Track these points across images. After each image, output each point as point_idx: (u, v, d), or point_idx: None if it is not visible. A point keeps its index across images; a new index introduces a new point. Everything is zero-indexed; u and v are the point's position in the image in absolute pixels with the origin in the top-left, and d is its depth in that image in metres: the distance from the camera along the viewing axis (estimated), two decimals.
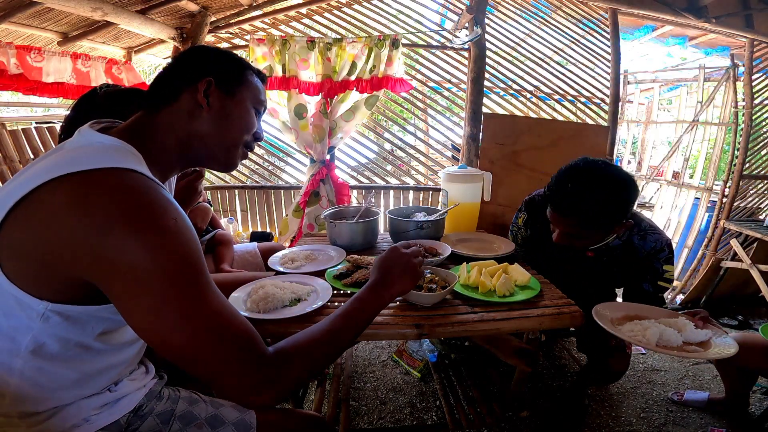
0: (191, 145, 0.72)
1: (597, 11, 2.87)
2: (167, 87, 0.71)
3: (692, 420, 1.64)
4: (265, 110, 0.84)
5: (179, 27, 2.52)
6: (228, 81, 0.74)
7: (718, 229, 2.98)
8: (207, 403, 0.82)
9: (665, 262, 1.32)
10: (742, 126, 3.06)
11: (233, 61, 0.77)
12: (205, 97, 0.70)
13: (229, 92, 0.74)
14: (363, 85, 2.43)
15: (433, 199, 2.95)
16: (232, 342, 0.59)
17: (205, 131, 0.72)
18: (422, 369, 1.91)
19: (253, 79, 0.78)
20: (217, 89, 0.72)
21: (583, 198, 1.14)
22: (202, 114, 0.71)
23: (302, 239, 1.91)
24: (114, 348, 0.68)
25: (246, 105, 0.76)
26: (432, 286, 1.10)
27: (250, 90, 0.77)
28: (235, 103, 0.74)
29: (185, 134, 0.71)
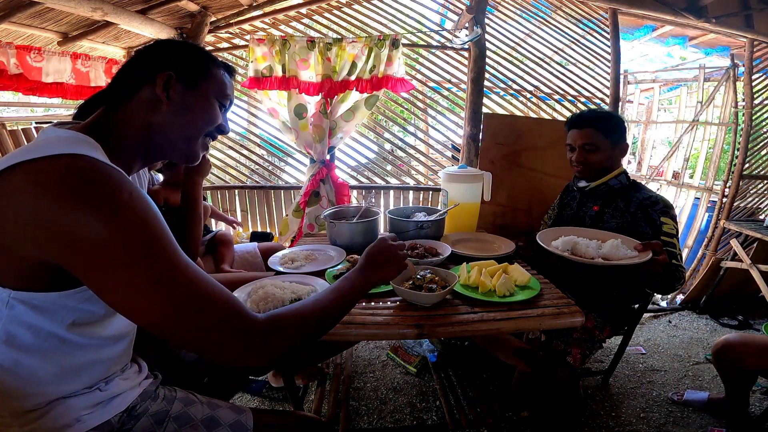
0: (151, 138, 0.72)
1: (597, 11, 2.87)
2: (127, 82, 0.71)
3: (692, 420, 1.64)
4: (231, 104, 0.83)
5: (179, 27, 2.52)
6: (190, 74, 0.73)
7: (718, 229, 2.98)
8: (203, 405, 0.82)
9: (662, 213, 1.38)
10: (742, 126, 3.06)
11: (197, 54, 0.76)
12: (165, 91, 0.70)
13: (191, 86, 0.73)
14: (363, 85, 2.43)
15: (433, 199, 2.95)
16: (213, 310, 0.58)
17: (165, 124, 0.71)
18: (417, 365, 1.91)
19: (218, 72, 0.78)
20: (178, 83, 0.71)
21: (596, 111, 1.56)
22: (161, 108, 0.71)
23: (302, 239, 1.91)
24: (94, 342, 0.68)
25: (208, 99, 0.76)
26: (432, 286, 1.10)
27: (214, 84, 0.77)
28: (196, 97, 0.74)
29: (145, 128, 0.71)
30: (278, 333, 0.64)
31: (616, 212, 1.48)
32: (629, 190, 1.49)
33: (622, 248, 1.19)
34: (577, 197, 1.65)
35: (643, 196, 1.44)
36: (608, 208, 1.51)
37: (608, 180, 1.51)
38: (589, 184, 1.56)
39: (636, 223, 1.42)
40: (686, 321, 2.62)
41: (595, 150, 1.49)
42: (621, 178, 1.51)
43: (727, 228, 2.81)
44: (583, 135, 1.50)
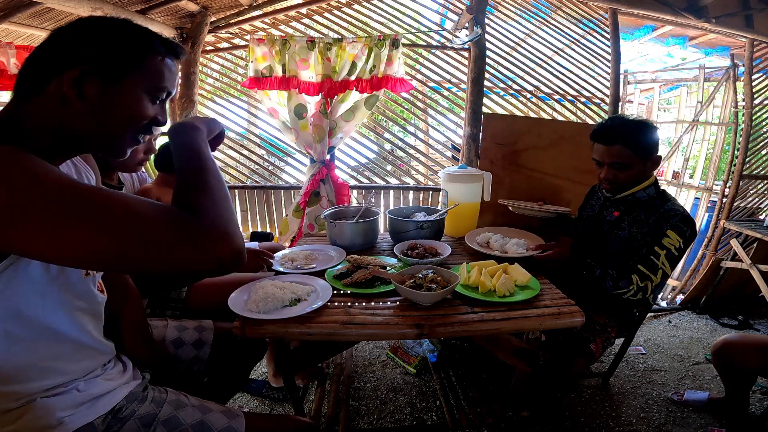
0: (66, 137, 0.64)
1: (597, 11, 2.87)
2: (37, 72, 0.61)
3: (692, 420, 1.64)
4: (169, 95, 0.72)
5: (179, 27, 2.52)
6: (110, 68, 0.62)
7: (718, 229, 2.98)
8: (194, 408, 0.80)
9: (672, 227, 1.31)
10: (742, 126, 3.06)
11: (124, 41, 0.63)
12: (76, 87, 0.60)
13: (111, 81, 0.62)
14: (363, 85, 2.43)
15: (433, 199, 2.95)
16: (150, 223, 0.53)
17: (77, 124, 0.62)
18: (417, 365, 1.91)
19: (153, 62, 0.66)
20: (94, 78, 0.61)
21: (626, 123, 1.37)
22: (73, 106, 0.61)
23: (302, 239, 1.91)
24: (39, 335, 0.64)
25: (135, 94, 0.65)
26: (432, 285, 1.10)
27: (145, 76, 0.65)
28: (119, 92, 0.63)
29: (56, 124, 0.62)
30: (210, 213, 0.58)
31: (635, 221, 1.42)
32: (656, 201, 1.41)
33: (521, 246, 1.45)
34: (600, 199, 1.60)
35: (665, 208, 1.37)
36: (628, 215, 1.45)
37: (635, 192, 1.43)
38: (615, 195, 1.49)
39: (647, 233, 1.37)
40: (686, 321, 2.61)
41: (626, 168, 1.37)
42: (649, 190, 1.42)
43: (727, 228, 2.81)
44: (612, 153, 1.36)
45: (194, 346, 1.11)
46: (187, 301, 1.31)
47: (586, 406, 1.73)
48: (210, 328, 1.15)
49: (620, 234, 1.45)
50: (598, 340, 1.36)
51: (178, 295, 1.31)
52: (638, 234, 1.41)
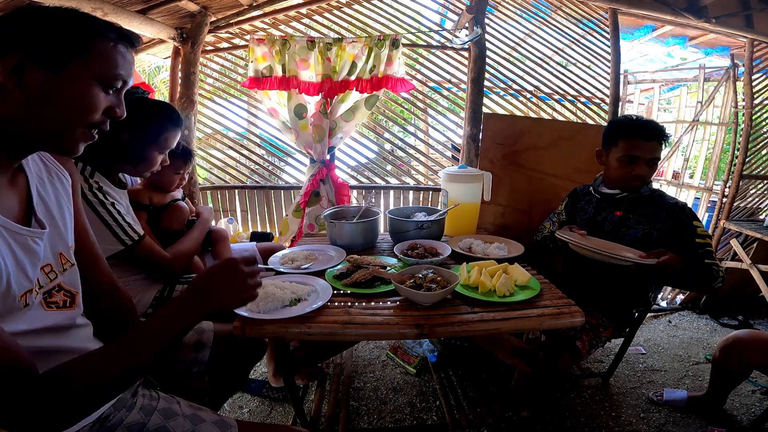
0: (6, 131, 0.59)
1: (597, 11, 2.87)
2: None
3: (692, 420, 1.64)
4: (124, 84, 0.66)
5: (179, 27, 2.52)
6: (52, 54, 0.57)
7: (718, 229, 2.98)
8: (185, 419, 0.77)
9: (693, 217, 1.40)
10: (742, 126, 3.06)
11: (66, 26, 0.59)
12: (15, 76, 0.56)
13: (54, 68, 0.58)
14: (363, 85, 2.42)
15: (433, 199, 2.95)
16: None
17: (20, 117, 0.57)
18: (417, 365, 1.91)
19: (102, 47, 0.61)
20: (34, 66, 0.56)
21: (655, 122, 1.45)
22: (12, 96, 0.56)
23: (302, 239, 1.91)
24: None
25: (82, 82, 0.60)
26: (432, 285, 1.10)
27: (94, 62, 0.60)
28: (61, 82, 0.58)
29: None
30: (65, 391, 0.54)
31: (644, 218, 1.46)
32: (653, 197, 1.48)
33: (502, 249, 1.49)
34: (593, 202, 1.60)
35: (669, 203, 1.44)
36: (633, 213, 1.48)
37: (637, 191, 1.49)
38: (621, 192, 1.50)
39: (669, 230, 1.41)
40: (686, 321, 2.62)
41: (655, 164, 1.44)
42: (649, 185, 1.49)
43: (727, 228, 2.81)
44: (652, 148, 1.41)
45: (194, 348, 1.11)
46: None
47: (586, 406, 1.73)
48: (210, 329, 1.15)
49: (631, 233, 1.46)
50: (584, 338, 1.37)
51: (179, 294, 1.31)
52: (654, 230, 1.43)
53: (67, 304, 0.72)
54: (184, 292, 0.69)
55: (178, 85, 2.65)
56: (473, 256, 1.46)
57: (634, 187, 1.47)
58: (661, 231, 1.42)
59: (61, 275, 0.71)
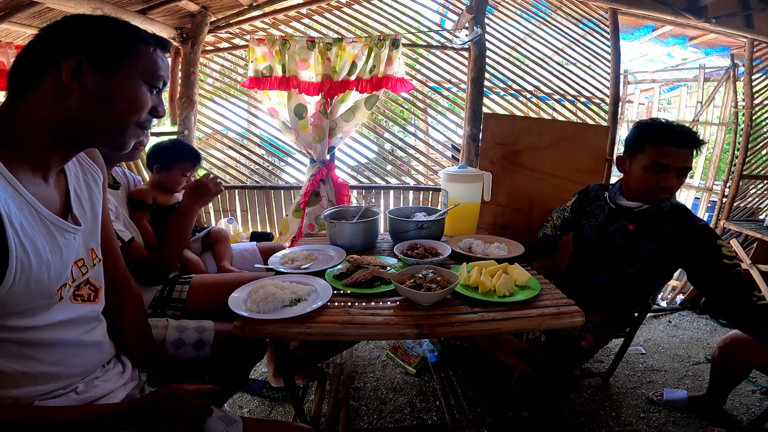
0: (65, 129, 0.64)
1: (597, 11, 2.87)
2: (29, 69, 0.62)
3: (692, 420, 1.64)
4: (165, 85, 0.73)
5: (179, 27, 2.52)
6: (106, 56, 0.63)
7: (718, 229, 2.98)
8: None
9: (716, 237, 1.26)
10: (742, 126, 3.06)
11: (114, 31, 0.65)
12: (75, 77, 0.61)
13: (108, 69, 0.63)
14: (363, 85, 2.43)
15: (433, 199, 2.95)
16: None
17: (80, 115, 0.63)
18: (417, 365, 1.91)
19: (145, 51, 0.68)
20: (91, 67, 0.62)
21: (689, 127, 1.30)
22: (72, 96, 0.62)
23: (302, 239, 1.91)
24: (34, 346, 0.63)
25: (133, 82, 0.66)
26: (432, 285, 1.10)
27: (140, 64, 0.67)
28: (116, 81, 0.64)
29: (55, 118, 0.62)
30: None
31: (659, 236, 1.33)
32: (674, 213, 1.34)
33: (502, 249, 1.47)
34: (606, 210, 1.49)
35: (694, 225, 1.29)
36: (647, 228, 1.36)
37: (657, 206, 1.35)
38: (641, 205, 1.37)
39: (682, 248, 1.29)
40: (686, 321, 2.61)
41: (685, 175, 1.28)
42: (672, 199, 1.35)
43: (727, 228, 2.81)
44: (684, 156, 1.25)
45: (195, 347, 1.12)
46: (187, 301, 1.31)
47: (586, 406, 1.73)
48: (210, 328, 1.15)
49: (641, 249, 1.37)
50: (589, 336, 1.37)
51: (178, 295, 1.31)
52: (667, 250, 1.32)
53: (92, 298, 0.76)
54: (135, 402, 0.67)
55: (178, 85, 2.65)
56: (473, 256, 1.46)
57: (660, 200, 1.32)
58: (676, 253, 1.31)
59: (91, 270, 0.76)
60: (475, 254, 1.48)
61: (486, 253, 1.48)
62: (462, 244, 1.56)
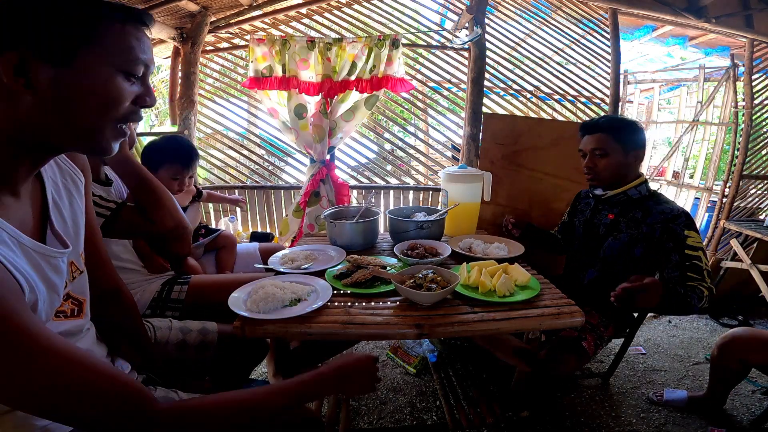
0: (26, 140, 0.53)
1: (597, 11, 2.87)
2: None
3: (692, 420, 1.64)
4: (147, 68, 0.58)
5: (179, 27, 2.52)
6: (56, 45, 0.49)
7: (718, 229, 2.98)
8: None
9: (685, 226, 1.31)
10: (742, 126, 3.06)
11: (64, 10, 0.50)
12: (20, 77, 0.48)
13: (63, 60, 0.50)
14: (363, 85, 2.42)
15: (433, 199, 2.95)
16: (94, 398, 0.49)
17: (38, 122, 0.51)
18: (417, 365, 1.91)
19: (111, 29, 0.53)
20: (39, 61, 0.49)
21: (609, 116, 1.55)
22: (24, 100, 0.50)
23: (302, 239, 1.91)
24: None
25: (99, 72, 0.53)
26: (432, 285, 1.10)
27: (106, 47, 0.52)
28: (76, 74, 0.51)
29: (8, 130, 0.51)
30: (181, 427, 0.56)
31: (632, 222, 1.43)
32: (648, 201, 1.43)
33: (502, 249, 1.50)
34: (591, 204, 1.60)
35: (664, 210, 1.37)
36: (624, 217, 1.46)
37: (627, 189, 1.45)
38: (606, 192, 1.50)
39: (653, 235, 1.36)
40: (686, 321, 2.61)
41: (605, 155, 1.43)
42: (641, 188, 1.45)
43: (727, 228, 2.81)
44: (594, 140, 1.45)
45: (197, 350, 1.11)
46: (187, 301, 1.31)
47: (586, 406, 1.73)
48: (214, 330, 1.15)
49: (620, 237, 1.44)
50: (589, 337, 1.37)
51: (177, 295, 1.31)
52: (638, 236, 1.40)
53: (75, 312, 0.70)
54: (326, 371, 0.73)
55: (178, 85, 2.65)
56: (473, 256, 1.46)
57: (592, 180, 1.50)
58: (648, 239, 1.38)
59: (70, 284, 0.69)
60: (475, 254, 1.48)
61: (486, 253, 1.49)
62: (462, 244, 1.56)
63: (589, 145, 1.47)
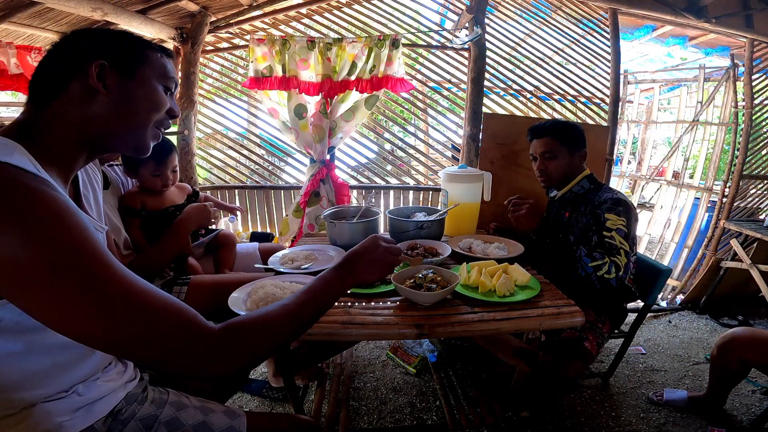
0: (91, 132, 0.67)
1: (597, 11, 2.87)
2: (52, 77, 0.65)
3: (692, 420, 1.64)
4: (176, 87, 0.78)
5: (179, 27, 2.52)
6: (124, 61, 0.68)
7: (718, 229, 2.98)
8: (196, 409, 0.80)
9: (607, 210, 1.40)
10: (742, 126, 3.06)
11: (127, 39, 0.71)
12: (100, 81, 0.64)
13: (128, 73, 0.68)
14: (363, 85, 2.42)
15: (433, 199, 2.95)
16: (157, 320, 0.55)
17: (106, 116, 0.66)
18: (417, 365, 1.91)
19: (155, 56, 0.73)
20: (113, 71, 0.66)
21: (554, 121, 1.64)
22: (98, 99, 0.65)
23: (302, 239, 1.91)
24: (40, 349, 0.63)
25: (151, 83, 0.71)
26: (432, 285, 1.10)
27: (154, 67, 0.72)
28: (136, 83, 0.69)
29: (82, 122, 0.65)
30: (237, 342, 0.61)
31: (580, 216, 1.52)
32: (590, 193, 1.53)
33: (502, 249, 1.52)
34: (555, 206, 1.69)
35: (596, 198, 1.48)
36: (575, 213, 1.56)
37: (572, 187, 1.57)
38: (557, 192, 1.61)
39: (589, 223, 1.46)
40: (686, 321, 2.62)
41: (553, 158, 1.55)
42: (583, 183, 1.56)
43: (727, 228, 2.81)
44: (542, 144, 1.57)
45: None
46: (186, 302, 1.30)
47: (586, 406, 1.73)
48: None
49: (573, 231, 1.53)
50: (590, 337, 1.37)
51: (177, 296, 1.31)
52: (583, 227, 1.48)
53: None
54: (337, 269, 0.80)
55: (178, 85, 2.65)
56: (473, 256, 1.46)
57: (544, 182, 1.62)
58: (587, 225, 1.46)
59: None
60: (475, 254, 1.48)
61: (486, 253, 1.49)
62: (462, 244, 1.56)
63: (538, 149, 1.58)
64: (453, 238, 1.65)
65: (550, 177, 1.59)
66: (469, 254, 1.48)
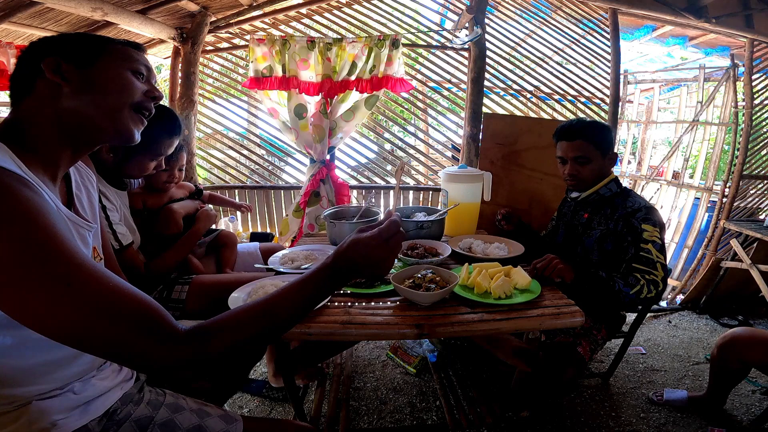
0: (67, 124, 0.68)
1: (597, 11, 2.87)
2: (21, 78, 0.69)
3: (692, 420, 1.64)
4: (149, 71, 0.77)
5: (179, 27, 2.52)
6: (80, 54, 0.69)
7: (718, 229, 2.98)
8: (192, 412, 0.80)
9: (643, 221, 1.37)
10: (742, 126, 3.06)
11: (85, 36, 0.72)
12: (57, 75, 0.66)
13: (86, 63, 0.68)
14: (363, 85, 2.43)
15: (433, 199, 2.95)
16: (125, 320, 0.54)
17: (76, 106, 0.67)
18: (417, 365, 1.91)
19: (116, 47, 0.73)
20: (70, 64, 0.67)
21: (585, 121, 1.50)
22: (64, 92, 0.66)
23: (302, 239, 1.91)
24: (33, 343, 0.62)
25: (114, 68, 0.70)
26: (431, 285, 1.10)
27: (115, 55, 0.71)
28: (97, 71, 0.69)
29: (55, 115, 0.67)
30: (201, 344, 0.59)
31: (602, 219, 1.48)
32: (617, 198, 1.48)
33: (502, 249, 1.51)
34: (572, 206, 1.65)
35: (627, 205, 1.43)
36: (596, 215, 1.51)
37: (599, 189, 1.50)
38: (580, 194, 1.55)
39: (617, 230, 1.42)
40: (686, 321, 2.62)
41: (587, 162, 1.46)
42: (611, 185, 1.50)
43: (727, 228, 2.81)
44: (575, 147, 1.46)
45: None
46: (187, 301, 1.31)
47: (586, 406, 1.73)
48: None
49: (593, 234, 1.49)
50: (584, 343, 1.36)
51: (178, 295, 1.31)
52: (607, 231, 1.45)
53: None
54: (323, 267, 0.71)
55: (178, 85, 2.65)
56: (473, 256, 1.46)
57: (575, 187, 1.54)
58: (615, 234, 1.42)
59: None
60: (475, 254, 1.48)
61: (486, 253, 1.48)
62: (462, 244, 1.56)
63: (570, 153, 1.47)
64: (453, 238, 1.65)
65: (583, 182, 1.50)
66: (469, 254, 1.48)
